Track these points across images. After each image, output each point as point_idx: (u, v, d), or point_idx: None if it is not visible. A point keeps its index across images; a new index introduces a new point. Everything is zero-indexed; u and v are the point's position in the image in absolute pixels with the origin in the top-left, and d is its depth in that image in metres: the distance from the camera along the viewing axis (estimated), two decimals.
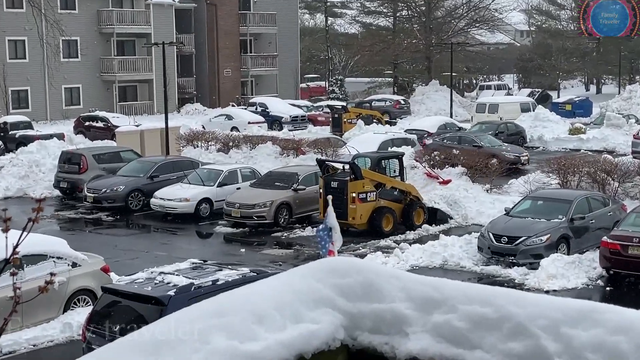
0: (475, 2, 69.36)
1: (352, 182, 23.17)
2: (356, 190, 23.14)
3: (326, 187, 23.33)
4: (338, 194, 22.79)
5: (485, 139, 36.65)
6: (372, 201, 23.50)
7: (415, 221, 24.17)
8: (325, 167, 24.08)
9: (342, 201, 22.77)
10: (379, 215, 23.46)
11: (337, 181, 23.48)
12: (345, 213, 22.75)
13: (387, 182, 24.39)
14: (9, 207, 26.15)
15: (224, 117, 50.59)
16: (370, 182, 23.69)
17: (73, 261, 16.32)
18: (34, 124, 45.65)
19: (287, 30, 69.64)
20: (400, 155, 26.54)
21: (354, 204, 23.18)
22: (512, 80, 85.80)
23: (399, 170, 25.69)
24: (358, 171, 23.32)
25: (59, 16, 36.18)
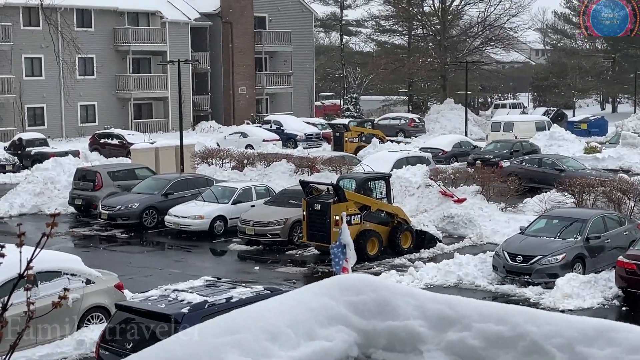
0: (490, 21, 69.39)
1: (335, 205, 22.26)
2: (339, 213, 22.09)
3: (309, 209, 22.61)
4: (321, 216, 22.28)
5: (567, 162, 34.47)
6: (356, 224, 22.43)
7: (402, 244, 23.36)
8: (308, 189, 23.23)
9: (325, 224, 22.16)
10: (363, 239, 22.45)
11: (320, 203, 22.58)
12: (328, 236, 22.00)
13: (372, 205, 23.42)
14: (24, 224, 26.19)
15: (238, 134, 50.70)
16: (354, 205, 22.80)
17: (87, 278, 16.34)
18: (50, 141, 45.92)
19: (302, 48, 69.87)
20: (387, 176, 25.78)
21: (337, 227, 21.75)
22: (527, 99, 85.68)
23: (386, 191, 24.82)
24: (341, 193, 22.49)
25: (75, 34, 36.37)
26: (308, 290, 3.77)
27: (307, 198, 22.92)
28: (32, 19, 53.34)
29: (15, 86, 52.15)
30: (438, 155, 41.56)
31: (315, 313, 3.59)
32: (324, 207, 22.44)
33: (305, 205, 22.79)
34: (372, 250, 22.86)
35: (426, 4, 72.17)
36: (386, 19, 75.68)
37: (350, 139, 46.35)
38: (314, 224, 22.68)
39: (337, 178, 27.06)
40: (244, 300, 13.21)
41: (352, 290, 3.67)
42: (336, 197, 22.44)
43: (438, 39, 69.74)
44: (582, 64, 79.52)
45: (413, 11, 71.78)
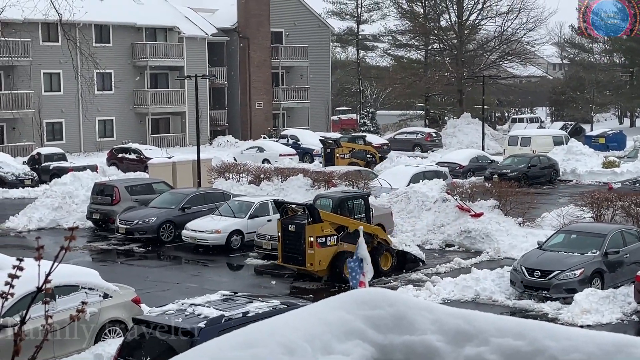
0: (507, 35, 69.32)
1: (309, 226, 21.53)
2: (314, 234, 21.49)
3: (283, 230, 21.95)
4: (295, 238, 21.67)
5: None
6: (332, 246, 21.82)
7: (382, 266, 22.50)
8: (284, 209, 22.43)
9: (300, 246, 21.61)
10: (340, 261, 21.68)
11: (295, 224, 21.83)
12: (303, 259, 21.52)
13: (350, 225, 22.42)
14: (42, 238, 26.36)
15: (255, 149, 50.81)
16: (330, 225, 22.03)
17: (104, 292, 16.38)
18: (68, 155, 46.18)
19: (319, 63, 70.04)
20: (366, 195, 25.10)
21: (312, 249, 21.52)
22: (545, 113, 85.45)
23: (365, 211, 24.17)
24: (316, 214, 21.69)
25: (93, 49, 36.62)
26: (325, 304, 3.76)
27: (281, 219, 22.19)
28: (51, 34, 53.77)
29: (34, 101, 52.53)
30: (455, 170, 41.48)
31: (332, 327, 3.58)
32: (298, 229, 21.71)
33: (280, 226, 22.12)
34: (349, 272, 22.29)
35: (443, 19, 72.25)
36: (403, 33, 75.79)
37: (341, 155, 45.23)
38: (288, 246, 21.96)
39: (314, 197, 26.12)
40: (261, 314, 13.20)
41: (369, 305, 3.66)
42: (311, 218, 21.61)
43: (455, 54, 69.72)
44: (599, 78, 79.24)
45: (430, 26, 71.83)
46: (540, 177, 41.35)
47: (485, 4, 68.71)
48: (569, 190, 37.60)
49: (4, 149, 49.30)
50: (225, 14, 66.01)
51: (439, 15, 71.98)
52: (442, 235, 27.01)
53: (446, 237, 26.85)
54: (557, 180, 42.24)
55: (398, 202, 29.41)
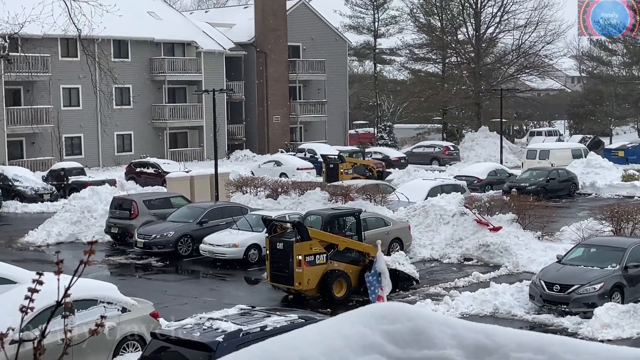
0: (525, 49, 69.19)
1: (298, 244, 20.95)
2: (302, 252, 20.92)
3: (272, 249, 21.46)
4: (283, 257, 21.17)
5: None
6: (321, 264, 21.24)
7: None
8: (272, 226, 21.94)
9: (288, 265, 21.04)
10: (329, 279, 21.26)
11: (283, 242, 21.32)
12: (291, 277, 21.03)
13: (339, 243, 21.91)
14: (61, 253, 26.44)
15: (273, 163, 50.89)
16: (319, 243, 21.41)
17: (123, 306, 16.41)
18: (87, 170, 46.41)
19: (336, 77, 70.15)
20: (357, 213, 24.13)
21: (300, 267, 20.95)
22: (563, 127, 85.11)
23: (356, 229, 23.51)
24: (304, 231, 21.08)
25: (112, 64, 36.91)
26: (343, 318, 3.74)
27: (270, 236, 21.70)
28: (70, 50, 54.16)
29: (54, 116, 52.87)
30: (473, 183, 41.37)
31: (350, 342, 3.57)
32: (286, 247, 21.17)
33: (268, 244, 21.65)
34: (339, 292, 21.51)
35: (460, 32, 72.22)
36: (420, 47, 75.79)
37: (345, 171, 44.64)
38: (277, 264, 21.47)
39: (304, 214, 25.61)
40: (279, 328, 13.18)
41: (387, 319, 3.64)
42: (299, 236, 21.03)
43: (472, 67, 69.65)
44: (618, 91, 78.88)
45: (447, 39, 71.82)
46: (559, 190, 41.15)
47: (502, 17, 68.68)
48: (588, 203, 37.40)
49: (23, 164, 49.62)
50: (243, 28, 66.29)
51: (456, 28, 71.97)
52: (461, 249, 26.91)
53: (464, 251, 26.74)
54: (576, 194, 42.04)
55: (416, 216, 29.34)
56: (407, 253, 27.33)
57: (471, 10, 69.50)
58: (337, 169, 44.28)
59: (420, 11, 74.09)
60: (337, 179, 41.78)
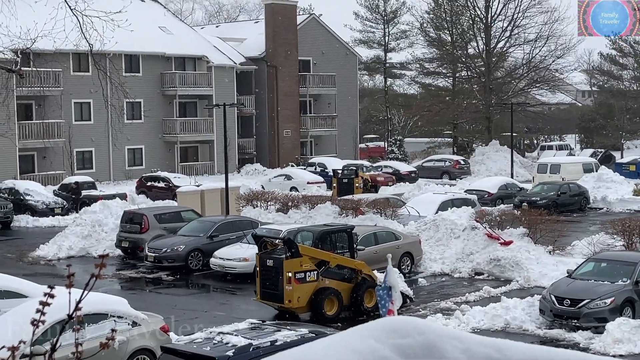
0: (535, 63, 69.14)
1: (287, 261, 20.47)
2: (292, 269, 20.43)
3: (262, 265, 21.03)
4: (273, 274, 20.72)
5: None
6: (312, 281, 20.75)
7: (367, 303, 21.46)
8: (262, 243, 21.51)
9: (278, 282, 20.61)
10: (320, 297, 20.79)
11: (273, 259, 20.82)
12: (281, 295, 20.58)
13: (331, 260, 21.41)
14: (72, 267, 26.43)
15: (283, 177, 50.93)
16: (310, 260, 20.87)
17: (133, 320, 16.42)
18: (98, 184, 46.53)
19: (346, 91, 70.27)
20: (349, 229, 23.41)
21: (290, 285, 20.47)
22: (574, 141, 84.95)
23: (349, 245, 22.83)
24: (295, 248, 20.60)
25: (123, 79, 36.98)
26: (353, 332, 3.74)
27: (260, 253, 21.28)
28: (81, 64, 54.41)
29: (65, 130, 53.08)
30: (484, 198, 41.30)
31: (361, 356, 3.57)
32: (276, 263, 20.73)
33: (258, 260, 21.22)
34: (330, 310, 21.04)
35: (470, 47, 72.24)
36: (430, 61, 75.88)
37: (359, 185, 44.41)
38: (266, 281, 21.02)
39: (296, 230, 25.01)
40: (289, 343, 13.16)
41: (398, 333, 3.64)
42: (289, 253, 20.58)
43: (483, 81, 69.64)
44: (629, 105, 78.72)
45: (457, 53, 71.86)
46: (570, 204, 41.04)
47: (513, 31, 68.68)
48: (600, 218, 37.27)
49: (34, 178, 49.81)
50: (254, 43, 66.52)
51: (466, 43, 72.02)
52: (471, 263, 26.84)
53: (475, 265, 26.67)
54: (588, 208, 41.91)
55: (426, 230, 29.30)
56: (418, 267, 27.32)
57: (481, 24, 69.56)
58: (352, 184, 44.07)
59: (430, 25, 74.22)
60: (352, 193, 41.63)
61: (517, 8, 67.49)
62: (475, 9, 69.65)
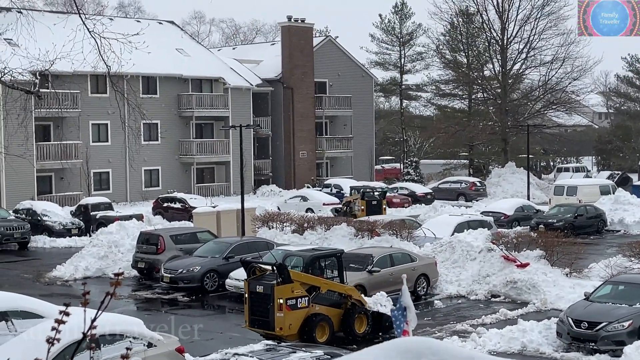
0: (551, 84, 69.05)
1: (279, 287, 19.93)
2: (284, 295, 19.90)
3: (251, 292, 20.49)
4: (263, 300, 20.15)
5: None
6: (303, 308, 20.23)
7: (357, 329, 21.15)
8: (251, 269, 20.96)
9: (268, 309, 20.02)
10: (311, 324, 20.30)
11: (263, 285, 20.27)
12: (272, 322, 19.97)
13: (322, 285, 20.97)
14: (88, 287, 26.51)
15: (299, 198, 50.95)
16: (301, 286, 20.38)
17: (149, 341, 16.41)
18: (114, 205, 46.69)
19: (362, 112, 70.39)
20: (339, 253, 22.94)
21: (281, 311, 19.91)
22: (591, 163, 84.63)
23: (338, 270, 22.32)
24: (286, 273, 20.04)
25: (140, 100, 37.27)
26: (368, 353, 3.75)
27: (248, 279, 20.71)
28: (99, 86, 54.80)
29: (82, 151, 53.38)
30: (500, 219, 41.17)
31: None
32: (266, 289, 20.15)
33: (247, 287, 20.64)
34: (321, 336, 20.48)
35: (486, 68, 72.27)
36: (446, 83, 75.94)
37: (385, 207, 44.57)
38: (256, 308, 20.47)
39: (283, 255, 24.37)
40: None
41: (412, 353, 3.65)
42: (280, 278, 20.06)
43: (499, 103, 69.58)
44: None
45: (473, 75, 71.89)
46: (587, 227, 40.83)
47: (529, 53, 68.66)
48: (617, 240, 37.03)
49: (52, 199, 50.08)
50: (270, 64, 66.83)
51: (482, 64, 72.07)
52: (488, 285, 26.71)
53: (492, 287, 26.54)
54: (605, 231, 41.68)
55: (442, 252, 29.20)
56: (434, 289, 27.21)
57: (497, 46, 69.60)
58: (381, 204, 44.02)
59: (446, 47, 74.34)
60: (380, 213, 41.51)
61: (533, 30, 67.57)
62: (491, 31, 69.78)
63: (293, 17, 66.16)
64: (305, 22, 66.39)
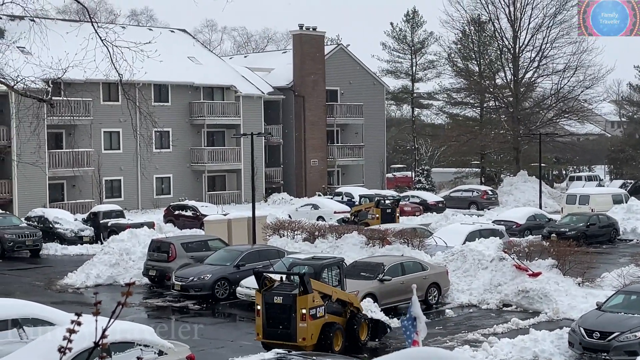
0: (564, 93, 68.86)
1: (302, 297, 19.67)
2: (306, 306, 19.66)
3: (266, 303, 20.02)
4: (284, 311, 19.81)
5: None
6: (320, 317, 20.02)
7: (361, 336, 21.14)
8: (262, 280, 20.53)
9: (290, 320, 19.70)
10: (328, 332, 20.10)
11: (282, 296, 19.93)
12: (294, 333, 19.67)
13: (333, 294, 20.87)
14: (99, 295, 26.56)
15: (310, 206, 50.93)
16: (318, 295, 20.22)
17: (160, 349, 16.41)
18: (126, 212, 46.78)
19: (373, 120, 70.40)
20: (341, 261, 23.16)
21: (304, 321, 19.63)
22: (604, 172, 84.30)
23: (339, 278, 22.35)
24: (308, 283, 19.76)
25: (152, 108, 37.35)
26: None
27: (262, 291, 20.25)
28: (111, 94, 55.01)
29: (94, 159, 53.57)
30: (512, 228, 41.06)
31: None
32: (287, 300, 19.83)
33: (261, 298, 20.14)
34: (337, 345, 20.31)
35: (498, 77, 72.17)
36: (458, 91, 75.83)
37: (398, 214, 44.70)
38: (274, 320, 20.04)
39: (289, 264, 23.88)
40: None
41: None
42: (302, 288, 19.75)
43: (511, 111, 69.46)
44: None
45: (485, 84, 71.80)
46: (599, 236, 40.68)
47: (541, 62, 68.54)
48: (630, 249, 36.87)
49: (64, 206, 50.23)
50: (281, 73, 66.94)
51: (494, 73, 71.97)
52: (499, 294, 26.62)
53: (503, 296, 26.45)
54: (617, 240, 41.50)
55: (454, 261, 29.13)
56: (445, 298, 27.14)
57: (509, 55, 69.52)
58: (394, 213, 44.12)
59: (458, 56, 74.27)
60: (395, 222, 41.63)
61: (545, 38, 67.46)
62: (503, 39, 69.70)
63: (304, 26, 66.27)
64: (316, 31, 66.50)
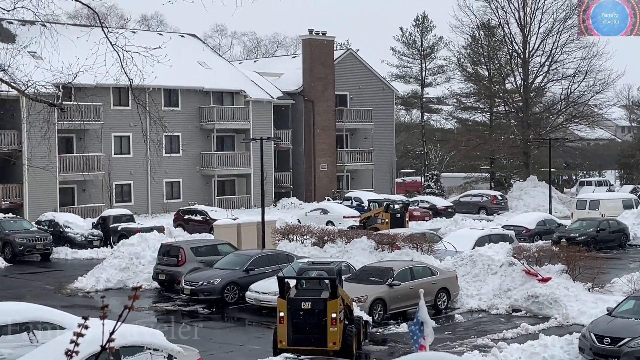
0: (574, 98, 68.71)
1: (332, 301, 19.69)
2: (336, 310, 19.68)
3: (292, 309, 19.83)
4: (313, 316, 19.71)
5: None
6: (342, 321, 20.15)
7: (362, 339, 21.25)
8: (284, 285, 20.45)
9: (321, 325, 19.64)
10: (349, 335, 20.10)
11: (311, 301, 19.83)
12: (324, 338, 19.62)
13: (345, 298, 20.87)
14: (109, 299, 26.64)
15: (319, 211, 50.92)
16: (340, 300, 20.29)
17: (169, 353, 16.42)
18: (136, 216, 46.88)
19: (383, 125, 70.40)
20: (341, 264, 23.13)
21: (334, 326, 19.63)
22: (614, 177, 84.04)
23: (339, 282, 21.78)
24: (335, 288, 19.72)
25: (162, 113, 37.44)
26: None
27: (287, 296, 20.07)
28: (121, 99, 55.18)
29: (104, 163, 53.72)
30: (521, 233, 40.97)
31: None
32: (316, 305, 19.76)
33: (285, 305, 19.90)
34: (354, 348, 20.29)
35: (508, 82, 72.08)
36: (467, 96, 75.75)
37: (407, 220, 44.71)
38: (302, 325, 19.91)
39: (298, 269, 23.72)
40: None
41: None
42: (331, 291, 19.79)
43: (520, 116, 69.35)
44: None
45: (495, 88, 71.71)
46: (609, 241, 40.54)
47: (551, 66, 68.42)
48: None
49: (74, 210, 50.36)
50: (291, 77, 67.01)
51: (504, 78, 71.88)
52: (509, 300, 26.56)
53: (513, 302, 26.39)
54: (627, 245, 41.35)
55: (463, 266, 29.08)
56: (455, 303, 27.09)
57: (519, 59, 69.43)
58: (404, 217, 44.15)
59: (467, 61, 74.23)
60: (403, 226, 41.62)
61: (555, 43, 67.33)
62: (512, 44, 69.64)
63: (314, 31, 66.33)
64: (326, 35, 66.57)
